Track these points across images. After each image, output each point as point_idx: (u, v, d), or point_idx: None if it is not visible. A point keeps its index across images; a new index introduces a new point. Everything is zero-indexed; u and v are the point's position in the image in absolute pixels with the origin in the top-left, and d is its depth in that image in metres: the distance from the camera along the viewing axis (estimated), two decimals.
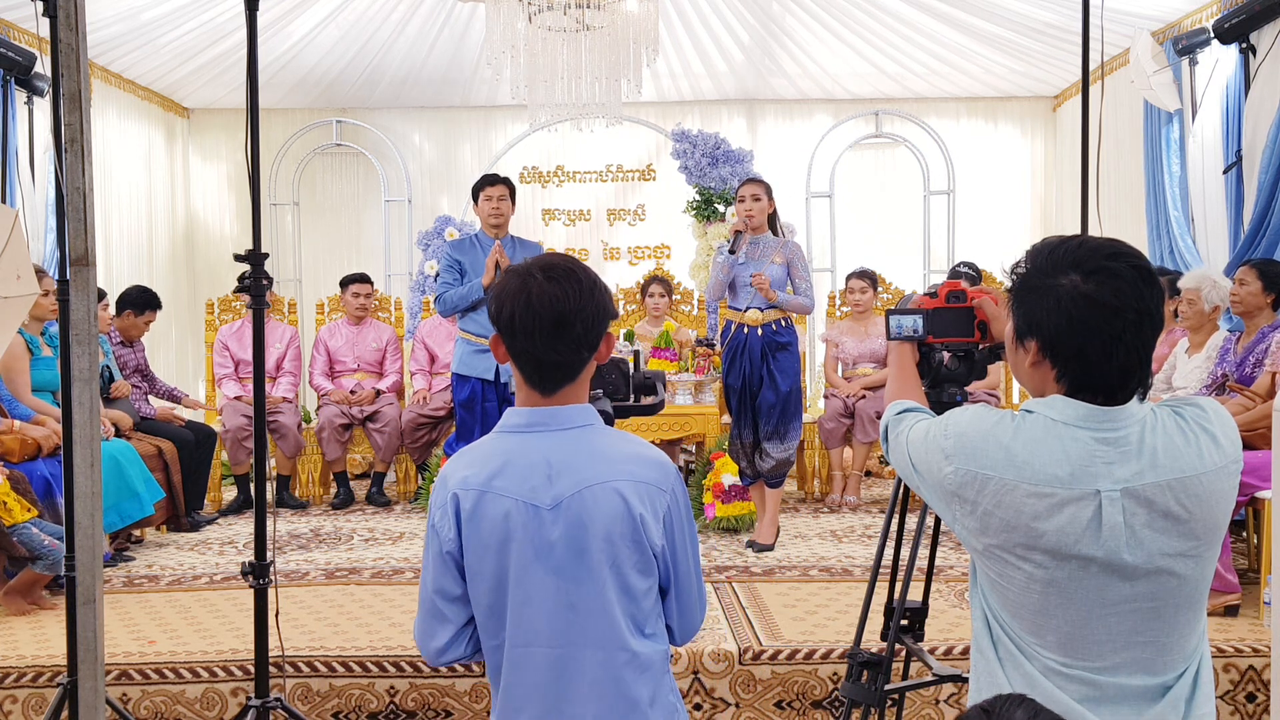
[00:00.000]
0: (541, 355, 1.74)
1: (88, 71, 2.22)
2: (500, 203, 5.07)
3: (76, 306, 2.21)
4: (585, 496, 1.71)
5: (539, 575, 1.71)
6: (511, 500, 1.71)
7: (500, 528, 1.72)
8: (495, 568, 1.73)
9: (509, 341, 1.76)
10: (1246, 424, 4.16)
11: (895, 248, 8.50)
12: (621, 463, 1.75)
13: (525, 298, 1.73)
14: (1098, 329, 1.55)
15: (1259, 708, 3.63)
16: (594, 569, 1.72)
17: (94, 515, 2.20)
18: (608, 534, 1.72)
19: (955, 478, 1.62)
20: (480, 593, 1.75)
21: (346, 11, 6.90)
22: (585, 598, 1.72)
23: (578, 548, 1.71)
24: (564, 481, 1.72)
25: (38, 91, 6.12)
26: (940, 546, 3.22)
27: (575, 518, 1.71)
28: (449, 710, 3.64)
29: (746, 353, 5.09)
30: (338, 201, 8.89)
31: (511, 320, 1.73)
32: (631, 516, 1.72)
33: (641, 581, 1.75)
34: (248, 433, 6.17)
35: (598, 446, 1.76)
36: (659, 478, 1.77)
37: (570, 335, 1.73)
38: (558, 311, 1.72)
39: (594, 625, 1.72)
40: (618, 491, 1.72)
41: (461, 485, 1.74)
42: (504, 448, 1.76)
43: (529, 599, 1.72)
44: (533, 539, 1.71)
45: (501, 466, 1.73)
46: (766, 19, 7.24)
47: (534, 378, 1.77)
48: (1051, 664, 1.59)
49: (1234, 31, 5.81)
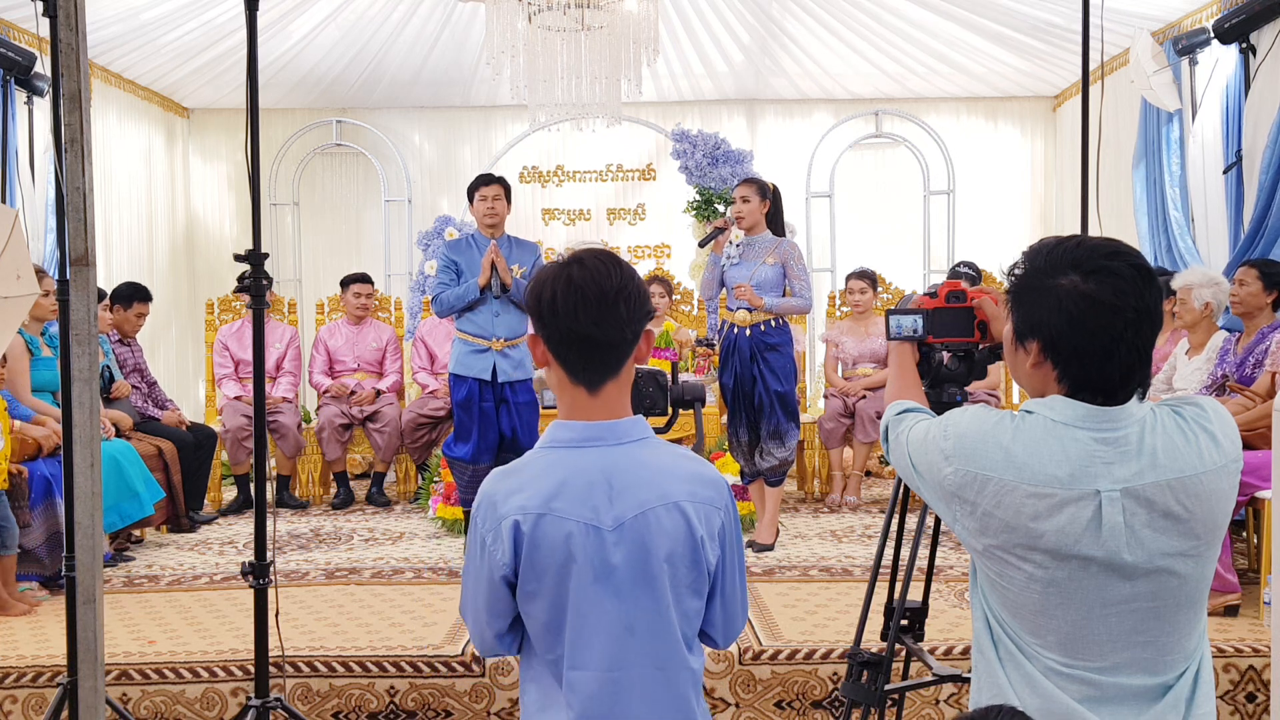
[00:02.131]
0: (587, 331, 1.65)
1: (88, 71, 2.22)
2: (495, 203, 5.07)
3: (76, 306, 2.21)
4: (649, 518, 1.66)
5: (599, 598, 1.66)
6: (573, 522, 1.64)
7: (561, 550, 1.65)
8: (554, 590, 1.67)
9: (550, 326, 1.68)
10: (1246, 424, 4.16)
11: (895, 248, 8.50)
12: (682, 482, 1.70)
13: (565, 278, 1.67)
14: (1099, 328, 1.55)
15: (1259, 708, 3.63)
16: (655, 591, 1.67)
17: (94, 515, 2.20)
18: (670, 555, 1.67)
19: (955, 478, 1.62)
20: (536, 611, 1.69)
21: (346, 11, 6.90)
22: (645, 620, 1.67)
23: (640, 570, 1.66)
24: (625, 501, 1.66)
25: (38, 91, 6.12)
26: (940, 546, 3.22)
27: (638, 539, 1.66)
28: (449, 710, 3.64)
29: (737, 353, 5.09)
30: (338, 201, 8.88)
31: (553, 301, 1.66)
32: (693, 538, 1.68)
33: (696, 601, 1.72)
34: (248, 433, 6.17)
35: (657, 464, 1.71)
36: (716, 496, 1.73)
37: (615, 312, 1.66)
38: (601, 288, 1.66)
39: (653, 647, 1.68)
40: (681, 512, 1.68)
41: (520, 510, 1.65)
42: (558, 464, 1.69)
43: (587, 622, 1.67)
44: (593, 561, 1.65)
45: (559, 486, 1.66)
46: (766, 19, 7.23)
47: (577, 366, 1.69)
48: (1052, 664, 1.59)
49: (1234, 31, 5.81)
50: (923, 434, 1.71)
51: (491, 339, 5.01)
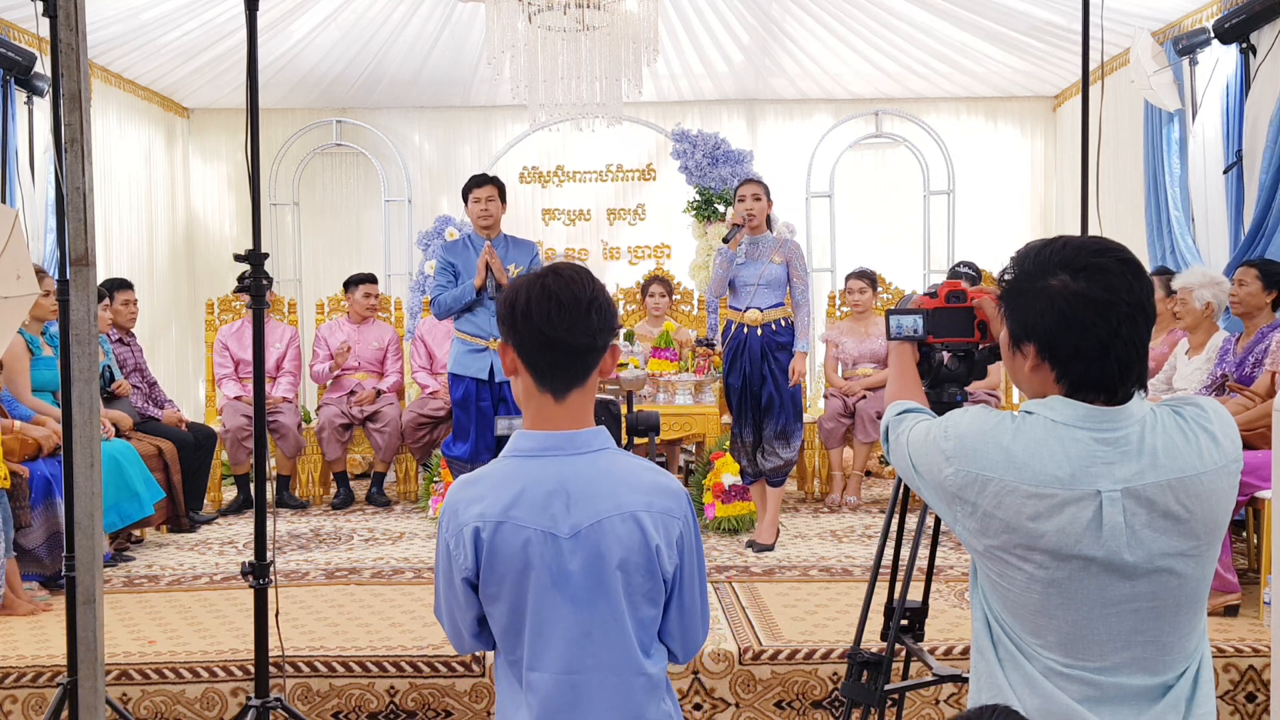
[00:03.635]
0: (559, 336, 1.69)
1: (88, 71, 2.22)
2: (489, 204, 5.07)
3: (76, 306, 2.21)
4: (604, 526, 1.70)
5: (556, 603, 1.70)
6: (531, 530, 1.69)
7: (519, 557, 1.69)
8: (513, 595, 1.71)
9: (522, 331, 1.72)
10: (1246, 424, 4.16)
11: (895, 248, 8.49)
12: (639, 492, 1.73)
13: (539, 285, 1.71)
14: (1093, 325, 1.55)
15: (1259, 708, 3.63)
16: (611, 597, 1.71)
17: (94, 515, 2.20)
18: (624, 563, 1.71)
19: (956, 479, 1.62)
20: (497, 614, 1.74)
21: (346, 12, 6.90)
22: (601, 625, 1.71)
23: (595, 577, 1.70)
24: (582, 510, 1.70)
25: (38, 91, 6.11)
26: (940, 546, 3.22)
27: (594, 547, 1.69)
28: (449, 710, 3.64)
29: (747, 352, 5.10)
30: (338, 201, 8.88)
31: (526, 305, 1.70)
32: (648, 546, 1.72)
33: (652, 609, 1.76)
34: (248, 433, 6.17)
35: (614, 473, 1.74)
36: (675, 506, 1.76)
37: (587, 319, 1.71)
38: (574, 295, 1.71)
39: (609, 651, 1.72)
40: (636, 521, 1.71)
41: (480, 518, 1.69)
42: (517, 474, 1.72)
43: (545, 626, 1.71)
44: (550, 568, 1.69)
45: (517, 495, 1.70)
46: (766, 19, 7.23)
47: (546, 372, 1.73)
48: (1052, 664, 1.59)
49: (1234, 31, 5.81)
50: (923, 434, 1.71)
51: (489, 338, 5.02)
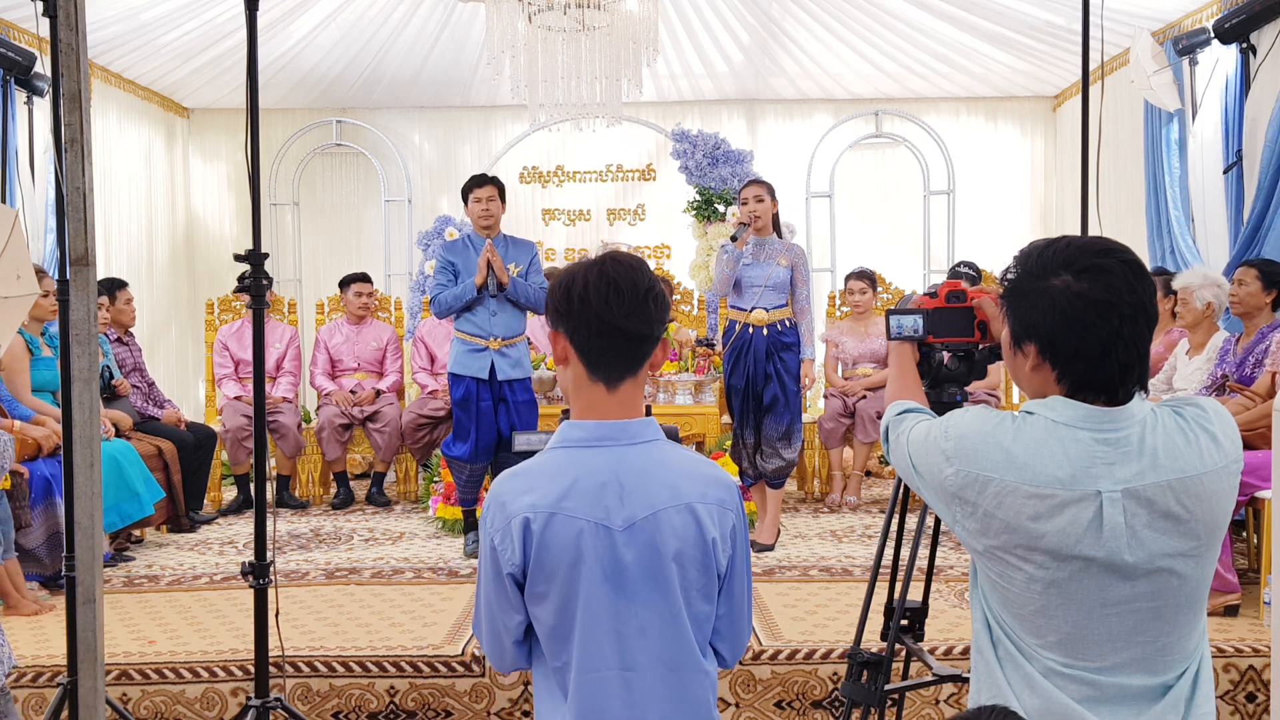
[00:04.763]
0: (618, 323, 1.66)
1: (88, 71, 2.22)
2: (489, 204, 5.07)
3: (76, 306, 2.21)
4: (659, 518, 1.66)
5: (610, 598, 1.65)
6: (584, 522, 1.64)
7: (571, 550, 1.64)
8: (563, 591, 1.65)
9: (578, 318, 1.68)
10: (1246, 424, 4.16)
11: (895, 248, 8.50)
12: (693, 483, 1.70)
13: (598, 272, 1.68)
14: (1094, 326, 1.55)
15: (1259, 708, 3.63)
16: (667, 592, 1.66)
17: (94, 515, 2.20)
18: (680, 556, 1.67)
19: (956, 479, 1.62)
20: (545, 614, 1.67)
21: (346, 12, 6.90)
22: (656, 621, 1.66)
23: (650, 571, 1.66)
24: (636, 501, 1.66)
25: (38, 91, 6.11)
26: (940, 546, 3.22)
27: (648, 540, 1.65)
28: (449, 710, 3.64)
29: (751, 353, 5.10)
30: (338, 201, 8.89)
31: (585, 290, 1.67)
32: (704, 540, 1.68)
33: (706, 605, 1.72)
34: (248, 433, 6.17)
35: (667, 464, 1.70)
36: (728, 497, 1.73)
37: (645, 307, 1.68)
38: (634, 282, 1.68)
39: (666, 648, 1.67)
40: (692, 513, 1.67)
41: (530, 509, 1.64)
42: (569, 464, 1.68)
43: (597, 623, 1.65)
44: (603, 561, 1.64)
45: (570, 486, 1.65)
46: (766, 19, 7.23)
47: (599, 360, 1.69)
48: (1052, 664, 1.59)
49: (1234, 31, 5.81)
50: (923, 435, 1.71)
51: (489, 338, 5.02)
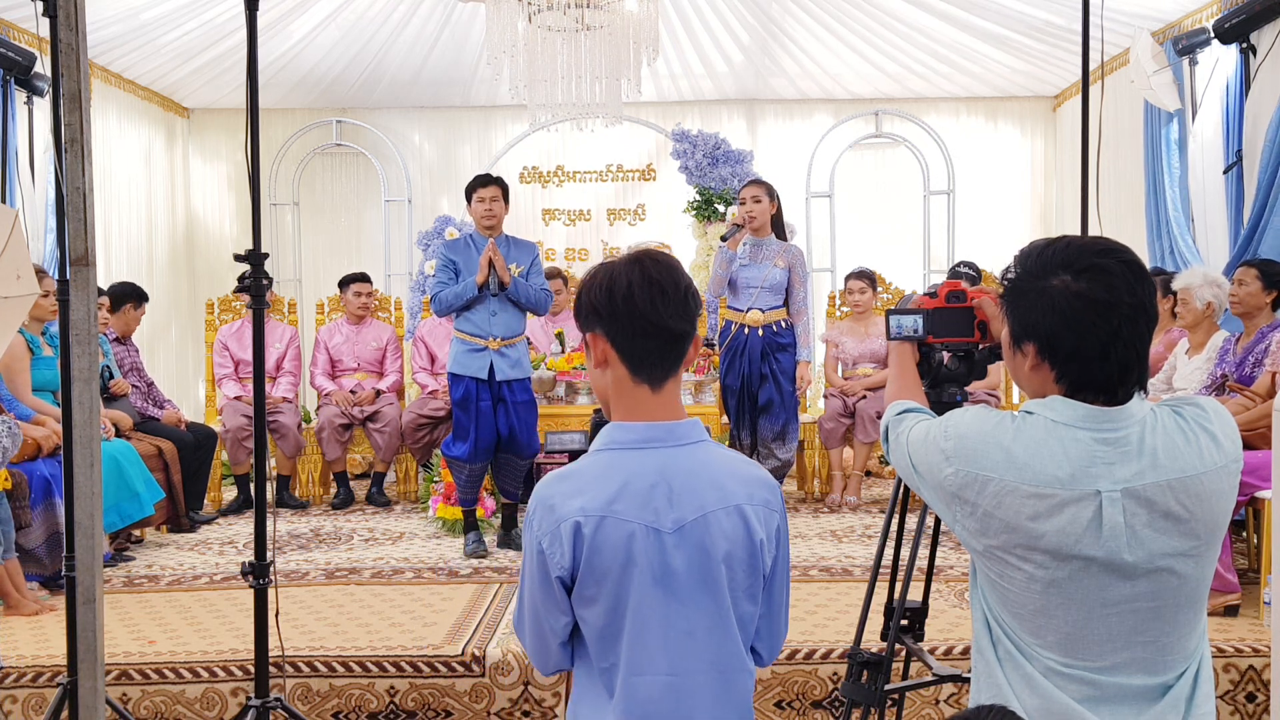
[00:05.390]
0: (664, 323, 1.66)
1: (88, 71, 2.22)
2: (493, 204, 5.07)
3: (76, 306, 2.21)
4: (709, 520, 1.65)
5: (659, 601, 1.64)
6: (635, 525, 1.63)
7: (622, 553, 1.63)
8: (613, 594, 1.65)
9: (622, 320, 1.67)
10: (1246, 424, 4.16)
11: (895, 248, 8.50)
12: (741, 484, 1.70)
13: (639, 273, 1.67)
14: (1093, 326, 1.55)
15: (1259, 708, 3.63)
16: (716, 594, 1.67)
17: (94, 515, 2.20)
18: (729, 558, 1.67)
19: (956, 479, 1.62)
20: (593, 616, 1.66)
21: (346, 11, 6.90)
22: (705, 623, 1.66)
23: (700, 573, 1.65)
24: (685, 503, 1.65)
25: (38, 91, 6.12)
26: (940, 546, 3.22)
27: (698, 542, 1.65)
28: (449, 710, 3.64)
29: (746, 353, 5.11)
30: (338, 201, 8.89)
31: (629, 291, 1.65)
32: (752, 541, 1.68)
33: (751, 606, 1.72)
34: (248, 433, 6.17)
35: (715, 465, 1.70)
36: (772, 498, 1.73)
37: (687, 305, 1.68)
38: (674, 280, 1.68)
39: (714, 650, 1.67)
40: (741, 515, 1.67)
41: (581, 512, 1.63)
42: (617, 466, 1.67)
43: (646, 626, 1.65)
44: (653, 564, 1.64)
45: (620, 489, 1.64)
46: (766, 19, 7.23)
47: (643, 361, 1.68)
48: (1051, 664, 1.59)
49: (1234, 31, 5.81)
50: (923, 434, 1.71)
51: (488, 338, 5.02)
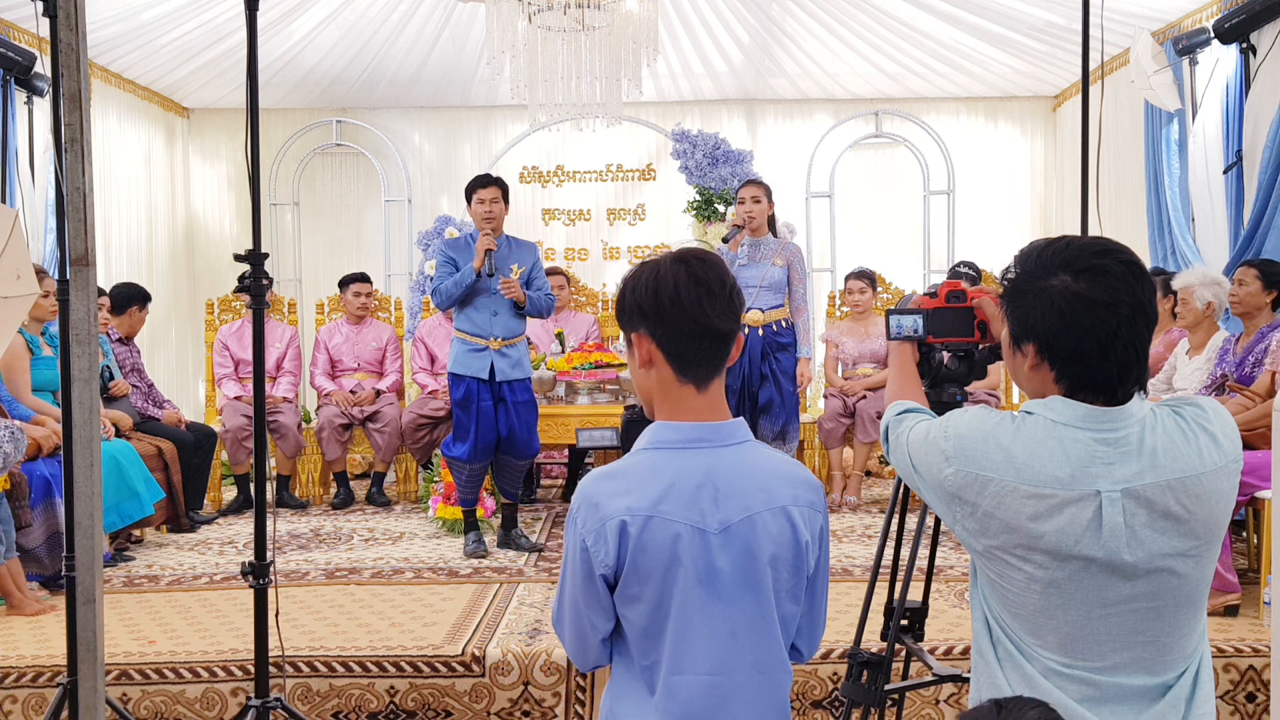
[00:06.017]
0: (710, 322, 1.66)
1: (88, 71, 2.22)
2: (493, 205, 5.08)
3: (76, 306, 2.21)
4: (755, 521, 1.65)
5: (703, 601, 1.64)
6: (681, 525, 1.63)
7: (667, 553, 1.63)
8: (657, 593, 1.64)
9: (670, 320, 1.66)
10: (1246, 424, 4.16)
11: (895, 248, 8.50)
12: (787, 485, 1.69)
13: (685, 273, 1.66)
14: (1093, 326, 1.55)
15: (1259, 708, 3.63)
16: (760, 595, 1.67)
17: (94, 515, 2.20)
18: (775, 559, 1.67)
19: (955, 479, 1.62)
20: (635, 614, 1.66)
21: (346, 11, 6.90)
22: (748, 624, 1.66)
23: (745, 574, 1.65)
24: (731, 504, 1.65)
25: (38, 91, 6.12)
26: (940, 546, 3.22)
27: (744, 543, 1.65)
28: (449, 710, 3.64)
29: (746, 353, 5.12)
30: (338, 201, 8.88)
31: (676, 292, 1.65)
32: (798, 542, 1.68)
33: (794, 606, 1.72)
34: (248, 433, 6.17)
35: (760, 465, 1.69)
36: (817, 499, 1.73)
37: (732, 305, 1.68)
38: (720, 279, 1.67)
39: (756, 651, 1.67)
40: (787, 517, 1.67)
41: (628, 511, 1.62)
42: (664, 466, 1.66)
43: (689, 626, 1.65)
44: (698, 564, 1.63)
45: (667, 488, 1.64)
46: (766, 19, 7.23)
47: (690, 362, 1.68)
48: (1051, 664, 1.59)
49: (1234, 31, 5.81)
50: (923, 434, 1.71)
51: (489, 338, 5.03)
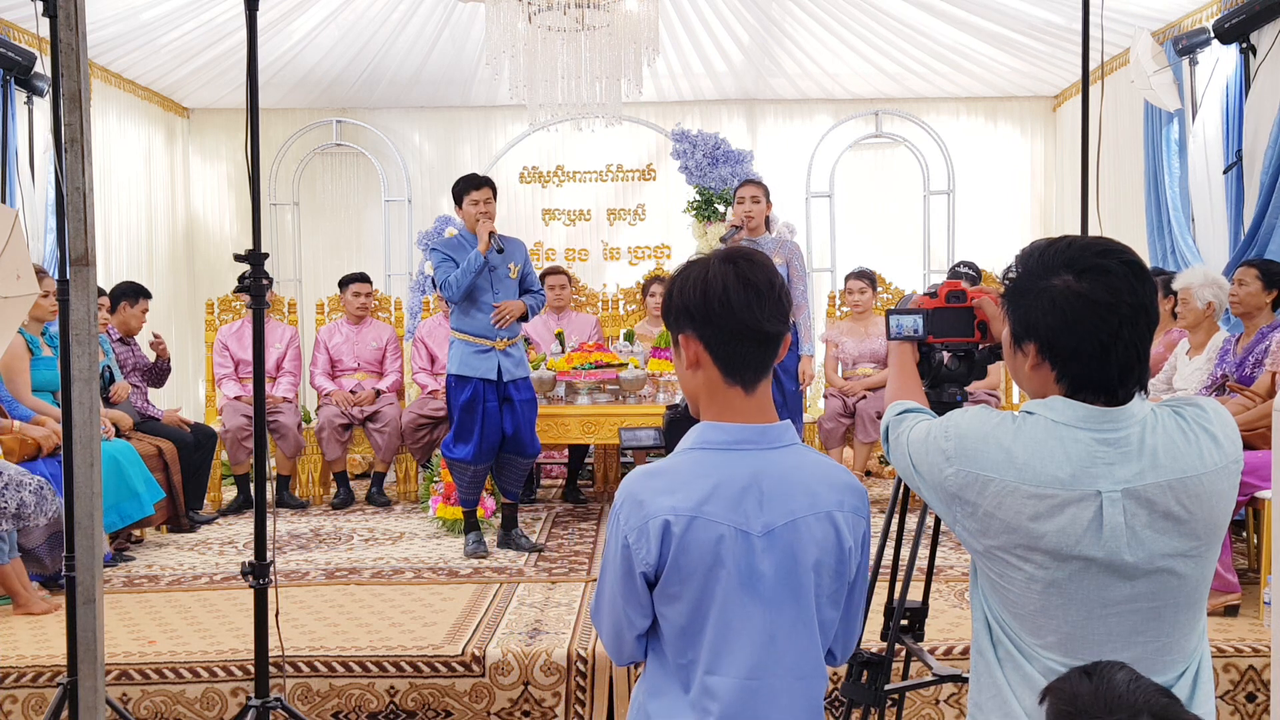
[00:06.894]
0: (758, 323, 1.64)
1: (88, 71, 2.22)
2: (487, 205, 5.10)
3: (76, 306, 2.21)
4: (799, 526, 1.64)
5: (744, 604, 1.63)
6: (724, 527, 1.62)
7: (710, 554, 1.62)
8: (698, 594, 1.64)
9: (718, 322, 1.65)
10: (1246, 424, 4.16)
11: (895, 248, 8.50)
12: (833, 490, 1.68)
13: (733, 274, 1.65)
14: (1094, 327, 1.55)
15: (1259, 708, 3.63)
16: (801, 600, 1.65)
17: (94, 515, 2.20)
18: (817, 564, 1.66)
19: (956, 479, 1.62)
20: (674, 613, 1.66)
21: (346, 11, 6.90)
22: (788, 628, 1.65)
23: (788, 578, 1.64)
24: (776, 507, 1.64)
25: (38, 91, 6.12)
26: (940, 546, 3.22)
27: (787, 547, 1.64)
28: (449, 710, 3.63)
29: None
30: (338, 201, 8.89)
31: (725, 294, 1.64)
32: (842, 548, 1.67)
33: (834, 611, 1.71)
34: (248, 433, 6.17)
35: (806, 469, 1.68)
36: (861, 505, 1.72)
37: (781, 306, 1.67)
38: (769, 281, 1.66)
39: (794, 655, 1.66)
40: (832, 522, 1.66)
41: (672, 511, 1.62)
42: (709, 467, 1.65)
43: (729, 628, 1.64)
44: (740, 567, 1.62)
45: (712, 490, 1.63)
46: (766, 19, 7.24)
47: (739, 363, 1.67)
48: (1051, 664, 1.59)
49: (1234, 31, 5.81)
50: (923, 434, 1.71)
51: (495, 339, 5.04)
